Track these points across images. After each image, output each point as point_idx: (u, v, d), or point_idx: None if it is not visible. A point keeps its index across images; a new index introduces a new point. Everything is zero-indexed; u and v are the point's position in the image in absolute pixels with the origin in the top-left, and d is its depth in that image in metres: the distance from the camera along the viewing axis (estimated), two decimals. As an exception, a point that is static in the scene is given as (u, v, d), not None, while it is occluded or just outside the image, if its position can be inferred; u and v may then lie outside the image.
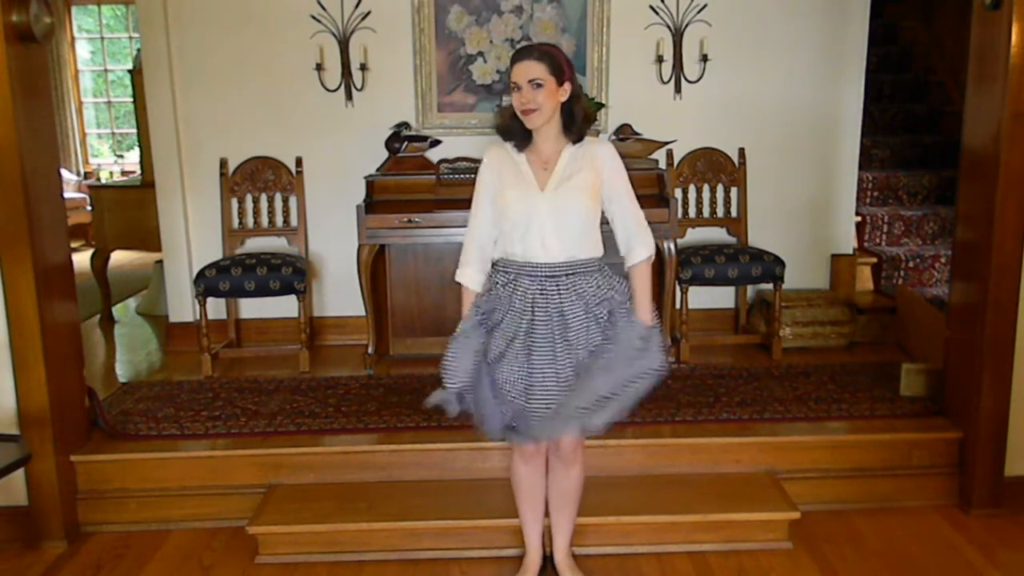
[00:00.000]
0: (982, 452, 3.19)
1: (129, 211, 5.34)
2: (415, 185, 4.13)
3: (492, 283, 2.53)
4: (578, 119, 2.47)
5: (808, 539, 3.04)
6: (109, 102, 9.83)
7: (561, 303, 2.43)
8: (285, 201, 4.56)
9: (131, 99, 6.81)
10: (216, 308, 4.50)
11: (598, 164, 2.48)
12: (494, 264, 2.55)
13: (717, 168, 4.57)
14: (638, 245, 2.53)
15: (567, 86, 2.43)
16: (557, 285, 2.44)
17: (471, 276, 2.58)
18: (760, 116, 4.58)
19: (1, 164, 2.90)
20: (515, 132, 2.50)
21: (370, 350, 4.15)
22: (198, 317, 4.21)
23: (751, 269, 4.21)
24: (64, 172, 8.49)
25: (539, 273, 2.45)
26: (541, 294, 2.44)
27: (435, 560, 2.97)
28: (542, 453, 2.64)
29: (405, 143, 4.22)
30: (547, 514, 2.79)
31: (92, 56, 9.78)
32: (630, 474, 3.25)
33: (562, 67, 2.42)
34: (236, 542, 3.07)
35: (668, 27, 4.46)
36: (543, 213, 2.42)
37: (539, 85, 2.38)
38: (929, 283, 4.80)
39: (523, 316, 2.44)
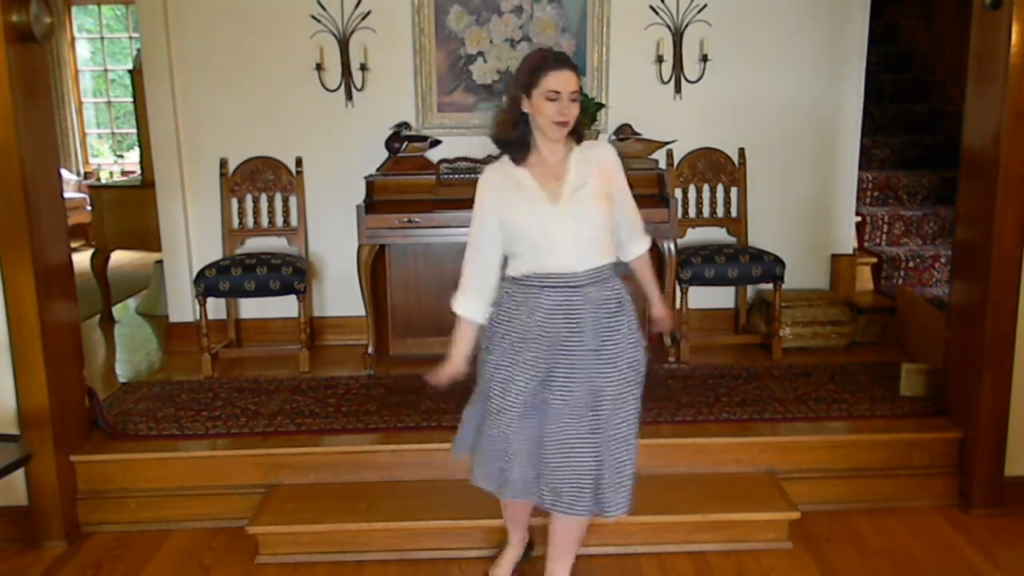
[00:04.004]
0: (982, 452, 3.19)
1: (129, 211, 5.34)
2: (415, 185, 4.13)
3: (507, 299, 2.41)
4: (580, 125, 2.46)
5: (808, 539, 3.04)
6: (109, 102, 9.82)
7: (581, 319, 2.35)
8: (285, 201, 4.56)
9: (131, 99, 6.82)
10: (216, 308, 4.50)
11: (606, 168, 2.44)
12: (512, 279, 2.42)
13: (717, 168, 4.57)
14: (641, 240, 2.62)
15: None
16: (582, 295, 2.35)
17: (474, 308, 2.45)
18: (760, 116, 4.58)
19: (1, 164, 2.90)
20: (515, 142, 2.39)
21: (370, 350, 4.15)
22: (198, 317, 4.21)
23: (751, 269, 4.21)
24: (64, 172, 8.49)
25: (562, 284, 2.35)
26: (564, 307, 2.35)
27: (435, 560, 2.97)
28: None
29: (405, 143, 4.22)
30: (542, 515, 2.78)
31: (92, 56, 9.77)
32: (630, 474, 3.25)
33: None
34: (236, 542, 3.07)
35: (668, 27, 4.46)
36: (561, 224, 2.33)
37: (575, 99, 2.32)
38: (929, 283, 4.80)
39: (542, 338, 2.36)
